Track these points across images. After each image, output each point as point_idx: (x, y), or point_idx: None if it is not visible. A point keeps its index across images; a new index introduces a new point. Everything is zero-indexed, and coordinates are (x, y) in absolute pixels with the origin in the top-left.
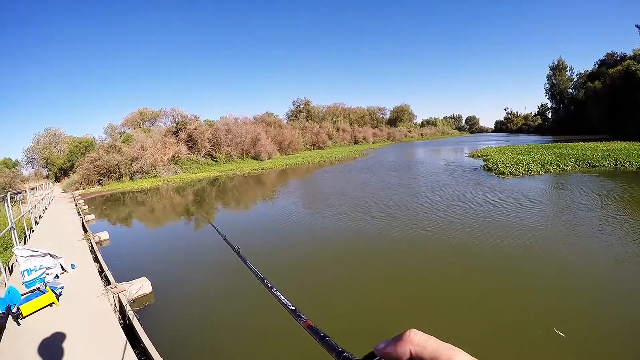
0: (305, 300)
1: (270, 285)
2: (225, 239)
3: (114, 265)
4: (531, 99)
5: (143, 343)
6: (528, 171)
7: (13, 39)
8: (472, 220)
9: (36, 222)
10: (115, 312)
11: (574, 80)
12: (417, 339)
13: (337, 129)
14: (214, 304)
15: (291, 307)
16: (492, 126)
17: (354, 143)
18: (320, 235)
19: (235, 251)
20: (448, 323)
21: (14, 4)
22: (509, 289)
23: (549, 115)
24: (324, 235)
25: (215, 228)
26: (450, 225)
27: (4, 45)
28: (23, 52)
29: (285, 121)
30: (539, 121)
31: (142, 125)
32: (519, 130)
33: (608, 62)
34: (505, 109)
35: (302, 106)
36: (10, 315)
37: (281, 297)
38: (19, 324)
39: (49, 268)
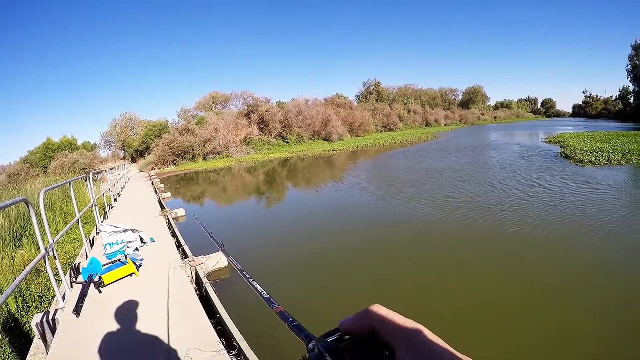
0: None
1: (248, 276)
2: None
3: (190, 240)
4: (613, 81)
5: (219, 313)
6: (608, 160)
7: (89, 30)
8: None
9: (115, 199)
10: (192, 284)
11: None
12: (379, 313)
13: (408, 111)
14: (285, 283)
15: (265, 295)
16: (570, 110)
17: (425, 125)
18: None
19: (220, 247)
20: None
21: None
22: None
23: (631, 100)
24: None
25: (197, 220)
26: (518, 218)
27: (81, 37)
28: (100, 43)
29: (355, 103)
30: (620, 106)
31: (214, 108)
32: (598, 115)
33: None
34: (583, 92)
35: (372, 87)
36: (92, 284)
37: (257, 286)
38: (100, 291)
39: (130, 242)
